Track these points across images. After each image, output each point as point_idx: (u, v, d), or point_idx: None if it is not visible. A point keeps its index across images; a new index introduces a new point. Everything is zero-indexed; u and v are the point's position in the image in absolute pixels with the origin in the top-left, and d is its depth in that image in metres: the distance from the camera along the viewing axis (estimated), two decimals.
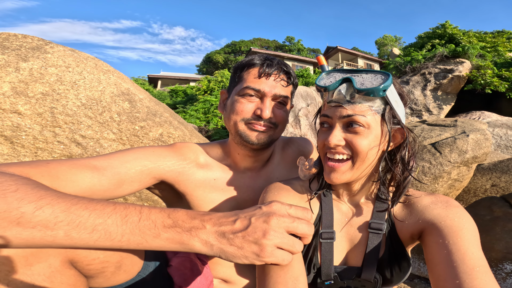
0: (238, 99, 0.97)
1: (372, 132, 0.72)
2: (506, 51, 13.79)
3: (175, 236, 0.56)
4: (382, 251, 0.80)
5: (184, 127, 2.31)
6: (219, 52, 40.74)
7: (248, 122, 0.96)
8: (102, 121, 1.93)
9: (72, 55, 2.01)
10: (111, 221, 0.54)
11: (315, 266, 0.82)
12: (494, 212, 2.37)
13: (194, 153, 1.02)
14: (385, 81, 0.69)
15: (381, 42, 29.24)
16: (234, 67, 1.05)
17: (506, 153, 6.99)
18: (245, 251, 0.55)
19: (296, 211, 0.61)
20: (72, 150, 1.84)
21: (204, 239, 0.56)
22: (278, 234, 0.56)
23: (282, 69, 0.99)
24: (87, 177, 0.73)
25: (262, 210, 0.59)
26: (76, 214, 0.52)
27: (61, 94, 1.85)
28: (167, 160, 0.95)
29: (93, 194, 0.74)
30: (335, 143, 0.72)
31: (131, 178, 0.84)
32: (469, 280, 0.55)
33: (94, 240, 0.53)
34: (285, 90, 1.00)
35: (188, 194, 0.99)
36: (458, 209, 0.73)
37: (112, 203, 0.57)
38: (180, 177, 0.97)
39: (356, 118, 0.71)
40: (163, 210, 0.58)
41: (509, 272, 2.03)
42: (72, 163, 0.73)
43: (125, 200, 2.10)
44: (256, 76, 0.96)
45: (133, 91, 2.15)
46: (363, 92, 0.69)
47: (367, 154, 0.72)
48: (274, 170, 1.11)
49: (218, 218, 0.59)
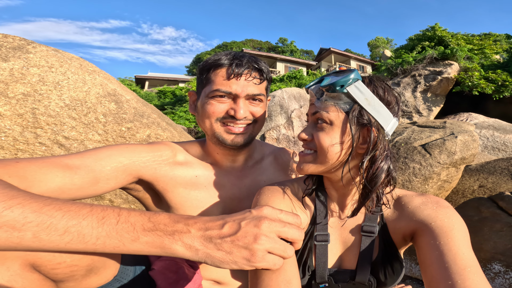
0: (209, 101, 0.92)
1: (334, 129, 0.73)
2: (493, 53, 14.16)
3: (155, 239, 0.54)
4: (375, 253, 0.81)
5: (172, 128, 2.27)
6: (209, 53, 40.27)
7: (223, 122, 0.93)
8: (87, 122, 1.87)
9: (55, 55, 1.95)
10: (86, 223, 0.51)
11: (309, 268, 0.82)
12: (482, 213, 2.39)
13: (171, 150, 0.98)
14: (344, 77, 0.70)
15: (373, 44, 29.63)
16: (200, 68, 0.97)
17: (492, 154, 7.14)
18: (234, 256, 0.53)
19: (286, 217, 0.60)
20: (55, 151, 1.78)
21: (188, 243, 0.54)
22: (269, 239, 0.55)
23: (253, 66, 0.93)
24: (57, 176, 0.70)
25: (253, 214, 0.58)
26: (47, 214, 0.50)
27: (43, 95, 1.78)
28: (142, 155, 0.91)
29: (63, 193, 0.71)
30: (301, 136, 0.78)
31: (106, 175, 0.81)
32: (461, 280, 0.56)
33: (66, 243, 0.51)
34: (259, 88, 0.95)
35: (168, 191, 0.95)
36: (448, 210, 0.73)
37: (89, 205, 0.54)
38: (157, 173, 0.93)
39: (320, 114, 0.74)
40: (143, 213, 0.56)
41: (497, 272, 2.05)
42: (43, 162, 0.70)
43: (111, 203, 2.04)
44: (225, 77, 0.90)
45: (120, 91, 2.09)
46: (325, 88, 0.73)
47: (328, 150, 0.73)
48: (262, 173, 1.09)
49: (204, 222, 0.56)
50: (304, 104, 9.71)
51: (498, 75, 11.76)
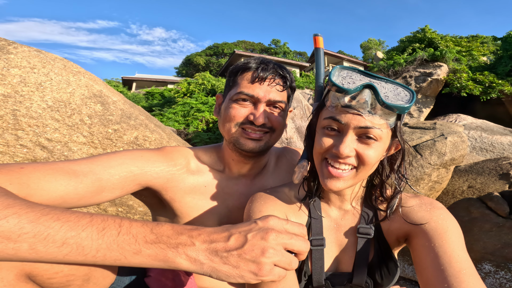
0: (231, 105, 0.93)
1: (381, 145, 0.70)
2: (480, 55, 14.50)
3: (158, 252, 0.52)
4: (371, 255, 0.80)
5: (161, 130, 2.22)
6: (200, 54, 39.76)
7: (242, 127, 0.93)
8: (71, 124, 1.81)
9: (38, 56, 1.88)
10: (86, 234, 0.49)
11: (306, 273, 0.81)
12: (472, 213, 2.42)
13: (185, 158, 0.97)
14: (411, 100, 0.66)
15: (365, 46, 29.94)
16: (229, 71, 1.01)
17: (480, 155, 7.29)
18: (241, 270, 0.52)
19: (293, 227, 0.58)
20: (37, 153, 1.71)
21: (193, 256, 0.52)
22: (276, 251, 0.54)
23: (278, 73, 0.95)
24: (61, 184, 0.68)
25: (258, 226, 0.56)
26: (45, 225, 0.48)
27: (25, 96, 1.72)
28: (156, 165, 0.88)
29: (64, 202, 0.69)
30: (347, 153, 0.67)
31: (113, 184, 0.78)
32: (457, 283, 0.57)
33: (64, 255, 0.49)
34: (281, 95, 0.95)
35: (176, 201, 0.94)
36: (441, 211, 0.73)
37: (89, 215, 0.52)
38: (168, 183, 0.92)
39: (373, 131, 0.67)
40: (145, 224, 0.54)
41: (487, 272, 2.07)
42: (49, 168, 0.68)
43: (97, 205, 1.98)
44: (250, 80, 0.92)
45: (106, 93, 2.04)
46: (388, 106, 0.65)
47: (373, 166, 0.71)
48: (268, 178, 1.08)
49: (208, 234, 0.55)
50: (297, 105, 9.73)
51: (485, 76, 12.05)
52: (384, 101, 0.64)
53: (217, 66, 35.70)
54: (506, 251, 2.06)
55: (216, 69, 33.82)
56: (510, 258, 2.03)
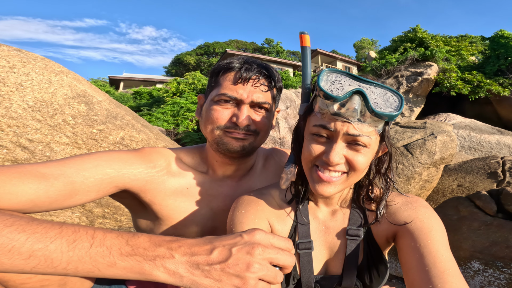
0: (213, 106, 0.90)
1: (370, 151, 0.70)
2: (469, 55, 14.76)
3: (134, 265, 0.51)
4: (361, 257, 0.80)
5: (148, 130, 2.17)
6: (190, 53, 38.92)
7: (225, 130, 0.89)
8: (53, 124, 1.74)
9: (17, 55, 1.81)
10: (54, 246, 0.48)
11: (294, 278, 0.79)
12: (461, 212, 2.44)
13: (165, 159, 0.93)
14: (400, 107, 0.66)
15: (359, 45, 30.17)
16: (211, 71, 0.96)
17: (469, 154, 7.42)
18: (224, 284, 0.51)
19: (279, 242, 0.58)
20: (17, 154, 1.65)
21: (172, 269, 0.51)
22: (262, 266, 0.53)
23: (262, 73, 0.91)
24: (31, 188, 0.64)
25: (244, 240, 0.55)
26: (8, 237, 0.46)
27: (4, 96, 1.65)
28: (134, 167, 0.84)
29: (35, 207, 0.65)
30: (337, 161, 0.68)
31: (87, 188, 0.74)
32: (441, 284, 0.58)
33: (32, 267, 0.47)
34: (265, 96, 0.92)
35: (156, 203, 0.90)
36: (426, 210, 0.74)
37: (59, 225, 0.50)
38: (147, 186, 0.88)
39: (362, 138, 0.67)
40: (120, 235, 0.53)
41: (476, 270, 2.09)
42: (16, 171, 0.64)
43: (82, 206, 1.92)
44: (233, 81, 0.88)
45: (91, 93, 1.98)
46: (377, 114, 0.65)
47: (363, 171, 0.72)
48: (256, 180, 1.05)
49: (189, 246, 0.53)
50: (291, 105, 9.73)
51: (474, 76, 12.28)
52: (373, 109, 0.64)
53: (208, 65, 35.29)
54: (494, 249, 2.08)
55: (207, 69, 33.44)
56: (498, 256, 2.06)
